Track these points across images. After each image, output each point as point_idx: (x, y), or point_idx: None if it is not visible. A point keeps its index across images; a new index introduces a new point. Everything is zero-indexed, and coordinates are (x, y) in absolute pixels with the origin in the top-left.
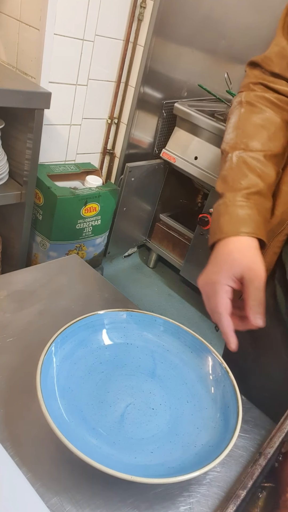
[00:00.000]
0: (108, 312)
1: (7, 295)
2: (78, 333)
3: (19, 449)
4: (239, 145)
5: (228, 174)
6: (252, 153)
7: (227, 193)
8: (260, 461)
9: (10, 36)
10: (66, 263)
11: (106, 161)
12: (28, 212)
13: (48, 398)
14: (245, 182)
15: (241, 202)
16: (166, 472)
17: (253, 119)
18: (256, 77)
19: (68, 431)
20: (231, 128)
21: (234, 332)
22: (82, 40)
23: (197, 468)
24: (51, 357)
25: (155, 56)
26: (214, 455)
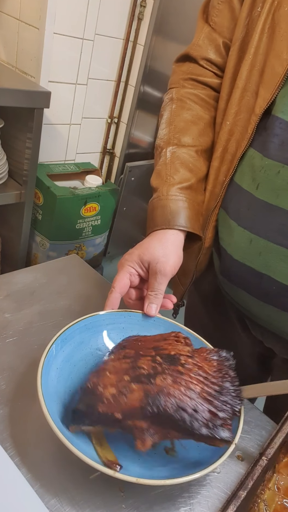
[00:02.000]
0: (108, 313)
1: (6, 295)
2: (78, 335)
3: (19, 449)
4: (172, 140)
5: (162, 169)
6: (184, 148)
7: (160, 187)
8: (260, 462)
9: (9, 35)
10: (66, 263)
11: (106, 160)
12: (28, 212)
13: (49, 401)
14: (178, 177)
15: (174, 196)
16: (168, 473)
17: (184, 115)
18: (184, 72)
19: (68, 432)
20: (164, 124)
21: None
22: (82, 39)
23: (199, 469)
24: (51, 359)
25: (155, 55)
26: (216, 456)
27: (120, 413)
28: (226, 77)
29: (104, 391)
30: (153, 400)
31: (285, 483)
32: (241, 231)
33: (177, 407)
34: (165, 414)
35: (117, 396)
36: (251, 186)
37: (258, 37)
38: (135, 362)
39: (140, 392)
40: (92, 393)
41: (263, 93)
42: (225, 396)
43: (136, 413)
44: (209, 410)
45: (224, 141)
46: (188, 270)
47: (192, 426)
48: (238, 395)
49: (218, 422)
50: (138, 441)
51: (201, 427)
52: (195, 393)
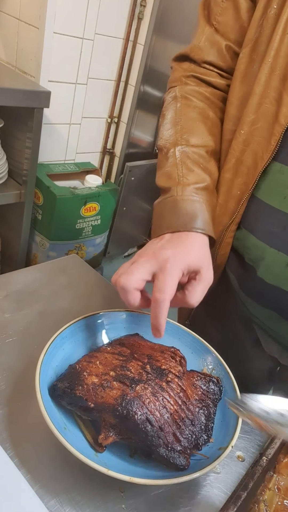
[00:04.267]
0: (107, 313)
1: (6, 295)
2: (77, 334)
3: (19, 450)
4: (180, 141)
5: (173, 170)
6: (194, 148)
7: (174, 187)
8: (261, 462)
9: (9, 35)
10: (66, 263)
11: (105, 160)
12: (28, 212)
13: (47, 401)
14: (192, 177)
15: (190, 197)
16: (166, 473)
17: (191, 114)
18: (186, 70)
19: (67, 433)
20: (168, 124)
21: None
22: (81, 39)
23: (198, 468)
24: (50, 357)
25: (155, 55)
26: (215, 455)
27: (94, 403)
28: (236, 81)
29: (87, 377)
30: (126, 404)
31: (285, 483)
32: (275, 253)
33: (145, 418)
34: (132, 420)
35: (97, 386)
36: (284, 204)
37: (280, 39)
38: (126, 363)
39: (118, 392)
40: (77, 375)
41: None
42: (194, 427)
43: (108, 408)
44: (174, 433)
45: (239, 152)
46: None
47: (152, 441)
48: (207, 432)
49: (177, 448)
50: (102, 434)
51: (160, 446)
52: (168, 413)
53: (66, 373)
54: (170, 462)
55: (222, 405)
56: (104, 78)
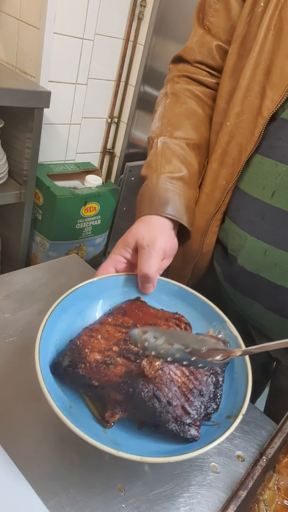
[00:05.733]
0: (104, 278)
1: (6, 295)
2: (76, 304)
3: (19, 449)
4: (164, 132)
5: (153, 159)
6: (176, 140)
7: (150, 176)
8: (261, 461)
9: (9, 35)
10: (66, 263)
11: (106, 160)
12: (28, 212)
13: (49, 379)
14: (169, 167)
15: (164, 185)
16: (178, 445)
17: (178, 109)
18: (179, 70)
19: (72, 412)
20: (157, 118)
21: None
22: (81, 39)
23: (209, 440)
24: (49, 333)
25: (155, 55)
26: (225, 424)
27: (98, 381)
28: (225, 76)
29: (89, 354)
30: (132, 381)
31: (285, 483)
32: (254, 241)
33: (152, 394)
34: (139, 397)
35: (100, 364)
36: (263, 194)
37: (264, 34)
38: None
39: (122, 368)
40: (79, 352)
41: (271, 94)
42: (203, 397)
43: (113, 386)
44: (183, 406)
45: (224, 142)
46: (183, 275)
47: (161, 417)
48: (216, 400)
49: (187, 421)
50: (108, 411)
51: (169, 421)
52: (175, 386)
53: (67, 350)
54: (180, 436)
55: (230, 370)
56: (104, 78)
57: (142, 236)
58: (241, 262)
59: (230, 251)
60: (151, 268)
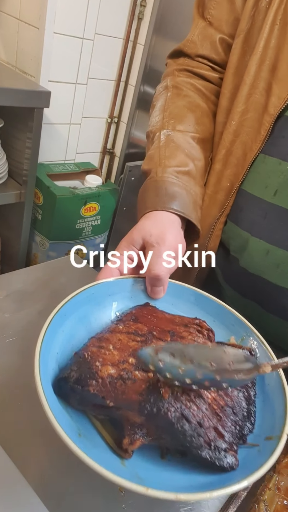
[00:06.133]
0: (109, 281)
1: (6, 295)
2: (78, 310)
3: (19, 450)
4: (167, 126)
5: (155, 153)
6: (180, 133)
7: (154, 169)
8: None
9: (9, 35)
10: (66, 263)
11: (106, 160)
12: (28, 212)
13: (53, 402)
14: (174, 160)
15: (170, 179)
16: (213, 475)
17: (180, 102)
18: (179, 64)
19: (83, 441)
20: (157, 111)
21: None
22: (81, 39)
23: (251, 467)
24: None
25: (155, 55)
26: (266, 448)
27: (113, 401)
28: (229, 73)
29: (101, 368)
30: (155, 399)
31: (286, 483)
32: (256, 241)
33: (180, 414)
34: (165, 419)
35: (115, 379)
36: (266, 193)
37: (269, 29)
38: (145, 344)
39: (142, 384)
40: (87, 366)
41: (278, 91)
42: (236, 416)
43: (132, 406)
44: (215, 427)
45: (229, 142)
46: (186, 281)
47: (192, 442)
48: (250, 419)
49: (222, 446)
50: (127, 438)
51: (202, 447)
52: (205, 403)
53: (72, 364)
54: (216, 465)
55: (259, 382)
56: (104, 78)
57: (150, 233)
58: (243, 264)
59: (232, 253)
60: (161, 268)
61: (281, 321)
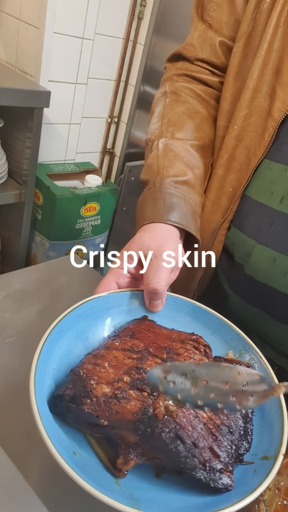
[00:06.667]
0: (107, 295)
1: (6, 295)
2: (76, 325)
3: (19, 450)
4: (165, 134)
5: (153, 162)
6: (179, 142)
7: (152, 179)
8: None
9: (9, 34)
10: (66, 263)
11: (106, 160)
12: (28, 212)
13: (48, 420)
14: (172, 170)
15: (169, 190)
16: (209, 496)
17: (179, 108)
18: (178, 69)
19: (77, 459)
20: (156, 118)
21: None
22: (81, 39)
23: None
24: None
25: (155, 55)
26: (262, 468)
27: (108, 420)
28: (230, 76)
29: (96, 387)
30: (150, 419)
31: (286, 483)
32: (262, 249)
33: (175, 435)
34: (159, 439)
35: (109, 398)
36: (272, 200)
37: (272, 32)
38: (141, 362)
39: (137, 403)
40: (82, 384)
41: (282, 95)
42: (233, 435)
43: (126, 426)
44: (211, 447)
45: (231, 147)
46: (189, 289)
47: (186, 463)
48: (247, 438)
49: (218, 466)
50: (121, 458)
51: (197, 468)
52: (201, 423)
53: (68, 382)
54: (210, 486)
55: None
56: (104, 78)
57: (148, 246)
58: (249, 271)
59: (237, 259)
60: (160, 282)
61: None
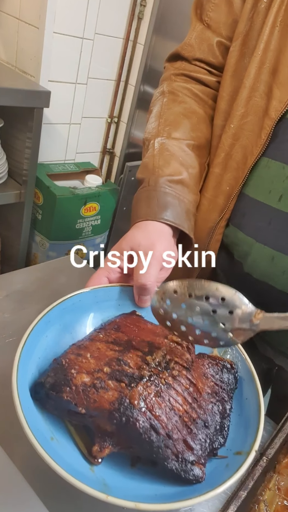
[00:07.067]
0: (97, 289)
1: (6, 295)
2: (64, 316)
3: (19, 450)
4: (162, 133)
5: (150, 160)
6: (175, 141)
7: (147, 178)
8: (261, 462)
9: (9, 34)
10: (66, 263)
11: (106, 160)
12: (28, 212)
13: (28, 405)
14: (167, 169)
15: (163, 189)
16: (179, 487)
17: (176, 108)
18: (176, 68)
19: (54, 445)
20: (153, 117)
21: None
22: (81, 39)
23: (217, 480)
24: (30, 350)
25: (155, 55)
26: (234, 462)
27: (85, 408)
28: (227, 75)
29: (76, 376)
30: (125, 409)
31: (286, 483)
32: (261, 248)
33: (149, 426)
34: (133, 429)
35: (88, 387)
36: (270, 198)
37: (269, 31)
38: (122, 354)
39: (114, 393)
40: (64, 373)
41: (279, 94)
42: (208, 429)
43: (103, 415)
44: (185, 440)
45: (228, 146)
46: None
47: (159, 453)
48: (223, 433)
49: (190, 458)
50: (96, 445)
51: (168, 458)
52: (176, 415)
53: (50, 370)
54: (181, 477)
55: (238, 396)
56: (104, 78)
57: (139, 243)
58: (247, 270)
59: (236, 257)
60: (148, 278)
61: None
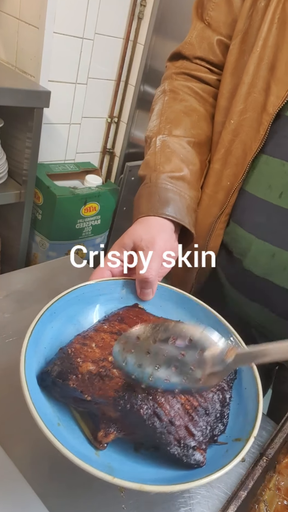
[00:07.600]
0: (101, 282)
1: (6, 295)
2: (68, 308)
3: (19, 450)
4: (163, 131)
5: (151, 158)
6: (176, 138)
7: (149, 175)
8: (261, 462)
9: (9, 34)
10: (66, 263)
11: (106, 160)
12: (28, 212)
13: (35, 392)
14: (169, 166)
15: (164, 185)
16: (181, 471)
17: (177, 106)
18: (178, 67)
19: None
20: (154, 116)
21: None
22: (81, 39)
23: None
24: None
25: (155, 55)
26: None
27: (91, 395)
28: (227, 73)
29: (82, 364)
30: (130, 396)
31: (286, 483)
32: (261, 244)
33: (152, 412)
34: (137, 415)
35: (93, 376)
36: (270, 194)
37: (267, 28)
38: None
39: (119, 381)
40: (69, 362)
41: (276, 90)
42: (209, 417)
43: (108, 402)
44: (186, 426)
45: (228, 142)
46: (187, 281)
47: (161, 438)
48: (223, 420)
49: (191, 444)
50: (102, 431)
51: (171, 444)
52: (178, 403)
53: (56, 359)
54: (183, 461)
55: (238, 386)
56: (104, 78)
57: (141, 237)
58: (248, 266)
59: (235, 254)
60: (150, 271)
61: None
